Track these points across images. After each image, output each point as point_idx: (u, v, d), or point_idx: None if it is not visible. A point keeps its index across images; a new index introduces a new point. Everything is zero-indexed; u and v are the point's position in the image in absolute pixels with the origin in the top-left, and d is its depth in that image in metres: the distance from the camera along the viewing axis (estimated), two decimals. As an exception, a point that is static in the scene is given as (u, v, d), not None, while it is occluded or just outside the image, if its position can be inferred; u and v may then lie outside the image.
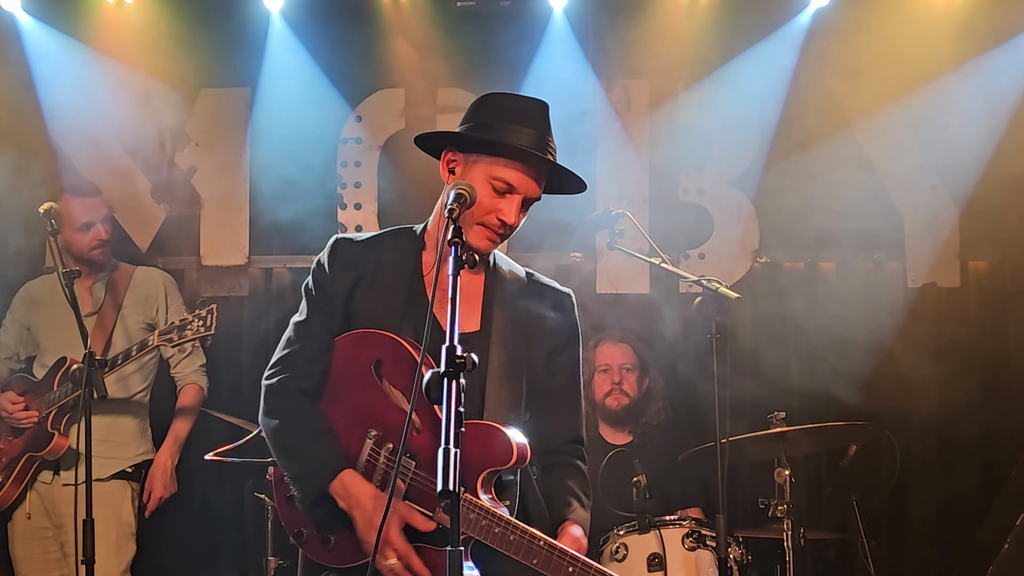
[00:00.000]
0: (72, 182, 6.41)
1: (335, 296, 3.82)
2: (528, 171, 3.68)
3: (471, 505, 3.49)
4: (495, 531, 3.48)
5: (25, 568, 6.33)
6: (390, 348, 3.71)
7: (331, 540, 3.68)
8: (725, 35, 7.25)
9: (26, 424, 6.18)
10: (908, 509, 7.16)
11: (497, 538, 3.48)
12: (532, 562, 3.46)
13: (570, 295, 4.01)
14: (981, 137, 7.13)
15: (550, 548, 3.47)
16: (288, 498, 3.78)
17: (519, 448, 3.56)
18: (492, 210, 3.65)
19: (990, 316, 7.27)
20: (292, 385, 3.77)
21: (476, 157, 3.71)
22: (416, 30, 7.34)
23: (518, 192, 3.67)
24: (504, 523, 3.49)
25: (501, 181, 3.65)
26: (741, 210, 7.38)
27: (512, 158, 3.67)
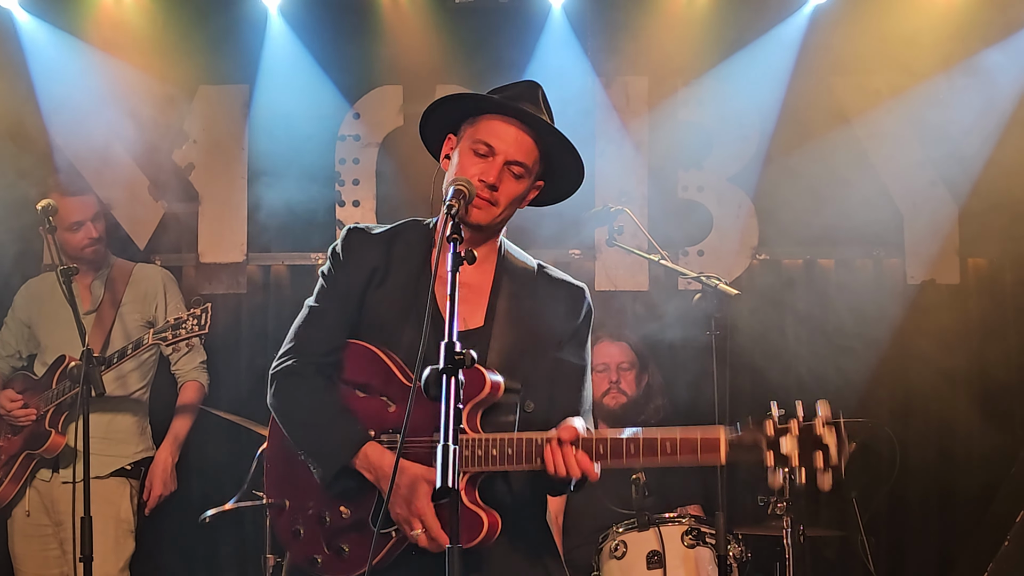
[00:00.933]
0: (61, 180, 6.39)
1: (351, 286, 3.79)
2: (507, 130, 3.67)
3: (466, 442, 3.48)
4: (493, 454, 3.47)
5: (24, 565, 6.34)
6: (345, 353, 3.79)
7: (344, 549, 3.65)
8: (724, 31, 7.24)
9: (24, 422, 6.17)
10: (907, 506, 7.16)
11: (497, 460, 3.47)
12: (537, 462, 3.45)
13: (583, 289, 3.96)
14: (981, 134, 7.12)
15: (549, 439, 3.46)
16: (293, 532, 3.75)
17: (492, 379, 3.54)
18: (475, 175, 3.63)
19: (989, 313, 7.26)
20: (310, 365, 3.76)
21: (463, 132, 3.74)
22: (414, 27, 7.33)
23: (498, 153, 3.64)
24: (500, 442, 3.48)
25: (480, 143, 3.66)
26: (740, 207, 7.37)
27: (489, 112, 3.69)
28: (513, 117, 3.68)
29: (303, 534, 3.74)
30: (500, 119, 3.69)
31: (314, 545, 3.70)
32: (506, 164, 3.66)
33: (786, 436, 3.26)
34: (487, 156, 3.65)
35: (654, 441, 3.38)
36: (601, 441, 3.43)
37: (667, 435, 3.38)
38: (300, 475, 3.76)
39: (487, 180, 3.61)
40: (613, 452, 3.42)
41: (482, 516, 3.48)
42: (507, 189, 3.67)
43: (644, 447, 3.38)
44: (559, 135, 3.73)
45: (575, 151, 3.77)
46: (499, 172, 3.64)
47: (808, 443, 3.24)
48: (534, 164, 3.73)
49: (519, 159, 3.67)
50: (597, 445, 3.43)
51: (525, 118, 3.68)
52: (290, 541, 3.78)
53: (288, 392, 3.76)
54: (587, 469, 3.41)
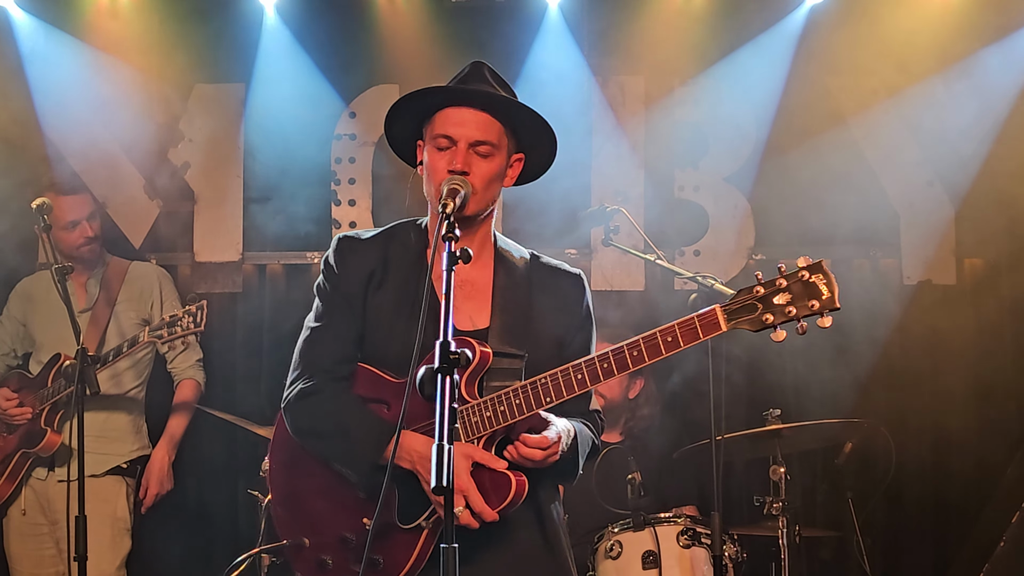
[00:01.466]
0: (56, 179, 6.36)
1: (350, 294, 3.80)
2: (460, 115, 3.68)
3: (471, 409, 3.55)
4: (501, 409, 3.53)
5: (20, 564, 6.33)
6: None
7: (379, 560, 3.64)
8: (721, 31, 7.24)
9: (20, 421, 6.17)
10: (903, 507, 7.16)
11: (507, 414, 3.52)
12: (546, 400, 3.51)
13: (580, 276, 3.99)
14: (978, 134, 7.12)
15: (552, 375, 3.51)
16: (319, 564, 3.75)
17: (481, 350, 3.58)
18: (443, 169, 3.65)
19: (985, 313, 7.25)
20: (323, 380, 3.75)
21: (425, 133, 3.77)
22: (410, 26, 7.32)
23: (458, 139, 3.66)
24: (503, 397, 3.53)
25: (439, 138, 3.68)
26: (736, 207, 7.37)
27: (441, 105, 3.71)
28: (462, 101, 3.69)
29: (331, 564, 3.73)
30: (452, 108, 3.70)
31: (345, 570, 3.70)
32: (470, 147, 3.66)
33: (777, 291, 3.35)
34: (449, 147, 3.67)
35: (653, 337, 3.44)
36: (603, 358, 3.48)
37: (664, 329, 3.44)
38: (310, 507, 3.79)
39: (455, 168, 3.61)
40: (619, 364, 3.47)
41: (509, 476, 3.51)
42: (479, 171, 3.67)
43: (647, 348, 3.44)
44: (514, 103, 3.74)
45: (536, 114, 3.76)
46: (464, 157, 3.64)
47: (799, 291, 3.35)
48: (500, 138, 3.72)
49: (480, 138, 3.67)
50: (601, 363, 3.48)
51: (474, 97, 3.69)
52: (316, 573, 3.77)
53: (308, 411, 3.75)
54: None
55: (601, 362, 3.48)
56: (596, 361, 3.48)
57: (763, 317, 3.35)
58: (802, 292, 3.34)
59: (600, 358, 3.48)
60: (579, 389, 3.50)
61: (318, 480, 3.79)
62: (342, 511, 3.72)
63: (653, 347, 3.43)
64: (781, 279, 3.35)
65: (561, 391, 3.51)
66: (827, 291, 3.32)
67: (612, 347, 3.48)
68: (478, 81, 3.75)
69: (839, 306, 3.32)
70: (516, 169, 3.85)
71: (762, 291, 3.37)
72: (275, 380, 6.73)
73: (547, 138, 3.83)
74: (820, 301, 3.32)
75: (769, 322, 3.35)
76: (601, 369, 3.48)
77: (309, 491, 3.80)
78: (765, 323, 3.35)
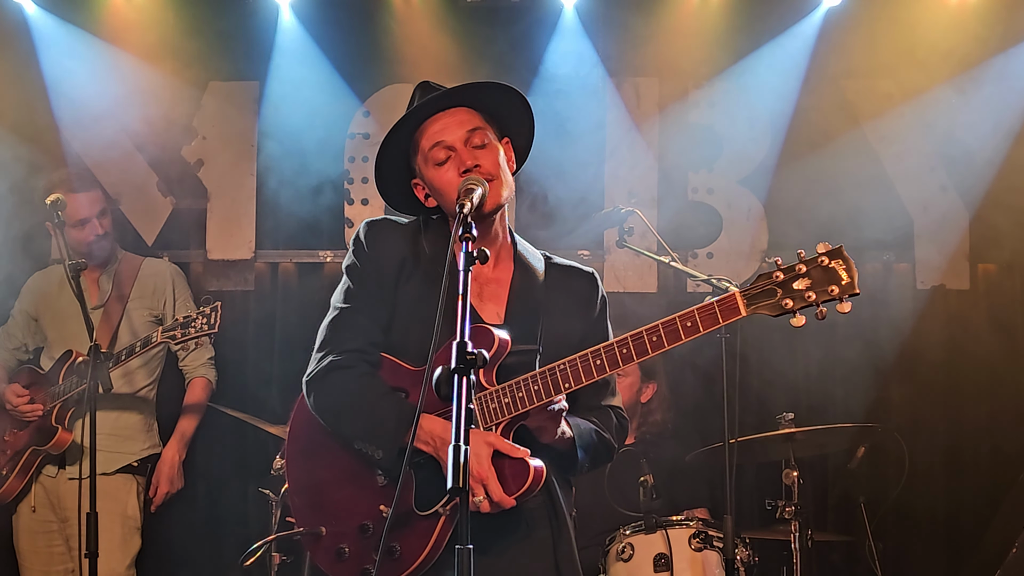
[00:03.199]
0: (68, 176, 6.35)
1: (382, 277, 3.80)
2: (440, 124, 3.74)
3: (490, 396, 3.56)
4: (520, 395, 3.54)
5: (29, 561, 6.33)
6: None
7: (396, 548, 3.62)
8: (736, 33, 7.23)
9: (31, 417, 6.17)
10: (916, 512, 7.12)
11: (525, 400, 3.54)
12: (565, 387, 3.52)
13: (593, 274, 4.02)
14: (993, 139, 7.10)
15: (571, 361, 3.52)
16: (337, 553, 3.72)
17: (500, 336, 3.59)
18: (456, 176, 3.66)
19: (999, 319, 7.24)
20: (351, 356, 3.73)
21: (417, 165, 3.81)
22: (425, 25, 7.32)
23: (454, 143, 3.70)
24: (522, 384, 3.54)
25: (436, 151, 3.72)
26: (750, 210, 7.35)
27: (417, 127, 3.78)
28: (432, 112, 3.75)
29: (348, 551, 3.71)
30: (428, 123, 3.76)
31: (363, 557, 3.68)
32: (466, 144, 3.70)
33: (796, 276, 3.34)
34: (450, 156, 3.70)
35: (672, 323, 3.44)
36: (622, 343, 3.48)
37: (683, 314, 3.44)
38: (328, 496, 3.78)
39: (467, 166, 3.64)
40: (638, 349, 3.47)
41: (527, 463, 3.52)
42: (486, 160, 3.70)
43: (666, 332, 3.44)
44: (471, 85, 3.78)
45: (493, 84, 3.81)
46: (469, 153, 3.68)
47: (819, 275, 3.34)
48: (484, 124, 3.78)
49: (469, 127, 3.73)
50: (620, 348, 3.48)
51: (440, 102, 3.74)
52: (334, 565, 3.75)
53: (335, 385, 3.71)
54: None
55: (620, 347, 3.48)
56: (615, 346, 3.48)
57: (783, 302, 3.36)
58: (822, 277, 3.33)
59: (619, 343, 3.48)
60: (597, 375, 3.50)
61: (336, 469, 3.78)
62: (360, 499, 3.71)
63: (672, 332, 3.44)
64: (800, 264, 3.35)
65: (580, 376, 3.51)
66: (846, 276, 3.32)
67: (630, 334, 3.48)
68: (432, 90, 3.80)
69: (859, 291, 3.32)
70: (510, 152, 3.87)
71: (781, 276, 3.36)
72: (287, 378, 6.76)
73: (518, 105, 3.87)
74: (840, 286, 3.31)
75: (789, 307, 3.35)
76: (620, 354, 3.48)
77: (327, 480, 3.79)
78: (784, 308, 3.36)
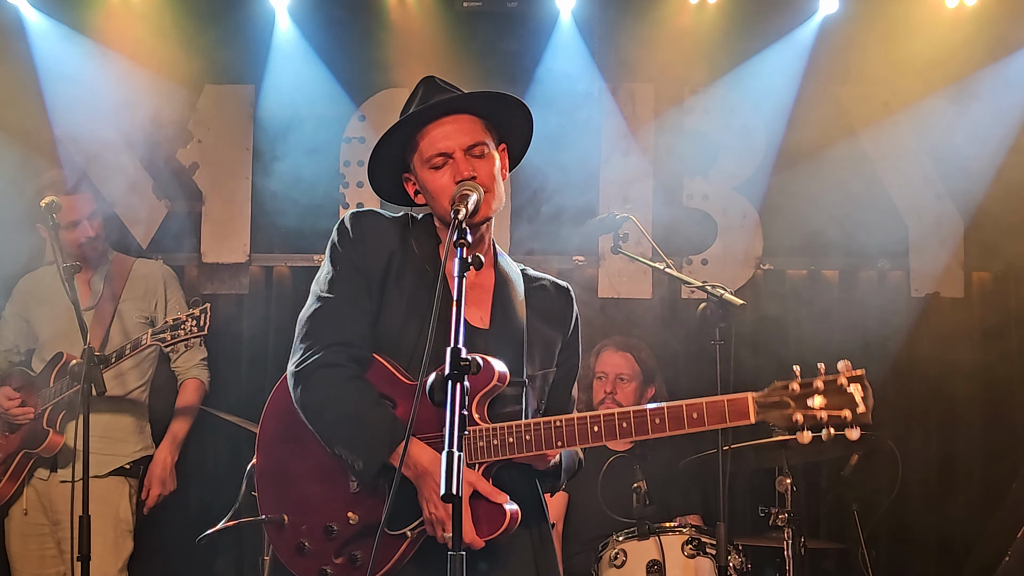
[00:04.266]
0: (57, 179, 6.31)
1: (369, 269, 3.74)
2: (440, 129, 3.71)
3: (479, 433, 3.51)
4: (510, 442, 3.50)
5: (21, 565, 6.31)
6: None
7: (357, 557, 3.60)
8: (732, 40, 7.24)
9: (22, 420, 6.15)
10: (909, 520, 7.14)
11: (515, 447, 3.49)
12: (557, 444, 3.48)
13: (568, 289, 4.01)
14: (988, 147, 7.11)
15: (568, 421, 3.48)
16: (297, 547, 3.69)
17: (499, 370, 3.53)
18: (450, 184, 3.64)
19: (993, 327, 7.25)
20: (341, 354, 3.64)
21: (413, 164, 3.78)
22: (422, 29, 7.32)
23: (452, 151, 3.67)
24: (514, 430, 3.50)
25: (434, 157, 3.69)
26: (745, 216, 7.36)
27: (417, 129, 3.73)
28: (436, 117, 3.72)
29: (308, 547, 3.68)
30: (431, 126, 3.72)
31: (323, 557, 3.65)
32: (465, 153, 3.67)
33: (812, 392, 3.28)
34: (446, 163, 3.67)
35: (679, 410, 3.38)
36: (623, 417, 3.44)
37: (692, 404, 3.38)
38: (298, 488, 3.73)
39: (463, 176, 3.61)
40: (638, 427, 3.43)
41: (503, 508, 3.50)
42: (483, 171, 3.68)
43: (670, 418, 3.39)
44: (480, 95, 3.75)
45: (500, 95, 3.78)
46: (467, 164, 3.65)
47: (834, 397, 3.26)
48: (485, 135, 3.75)
49: (471, 142, 3.69)
50: (620, 421, 3.44)
51: (443, 107, 3.71)
52: (294, 557, 3.71)
53: (323, 383, 3.62)
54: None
55: (620, 420, 3.43)
56: (616, 418, 3.44)
57: (793, 416, 3.29)
58: (837, 399, 3.26)
59: (620, 416, 3.44)
60: (593, 441, 3.46)
61: (310, 463, 3.71)
62: (329, 500, 3.66)
63: (676, 419, 3.39)
64: (818, 381, 3.29)
65: (575, 439, 3.47)
66: (862, 404, 3.23)
67: (634, 408, 3.45)
68: (437, 93, 3.78)
69: (871, 421, 3.23)
70: (504, 159, 3.86)
71: (798, 390, 3.31)
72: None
73: (521, 115, 3.85)
74: (853, 413, 3.23)
75: (798, 423, 3.29)
76: (619, 428, 3.44)
77: (299, 472, 3.73)
78: (794, 423, 3.29)
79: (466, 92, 3.74)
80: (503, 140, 3.87)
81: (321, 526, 3.67)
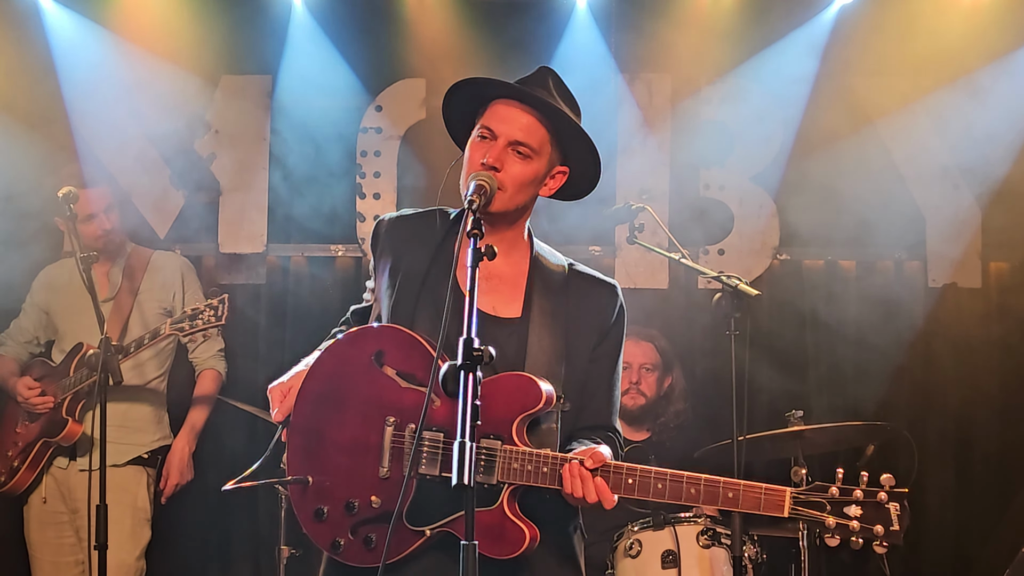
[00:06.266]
0: (74, 173, 6.31)
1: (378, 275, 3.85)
2: (509, 111, 3.67)
3: (515, 454, 3.47)
4: (544, 471, 3.45)
5: (40, 552, 6.35)
6: (389, 336, 3.69)
7: (372, 539, 3.59)
8: (749, 30, 7.22)
9: (42, 410, 6.19)
10: (925, 510, 7.12)
11: (547, 477, 3.45)
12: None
13: (615, 286, 3.92)
14: (1006, 137, 7.07)
15: (605, 467, 3.42)
16: (316, 512, 3.67)
17: (547, 391, 3.51)
18: (478, 160, 3.63)
19: (1011, 317, 7.22)
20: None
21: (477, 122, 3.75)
22: (438, 20, 7.32)
23: (499, 135, 3.63)
24: (549, 461, 3.46)
25: (484, 128, 3.66)
26: (762, 207, 7.34)
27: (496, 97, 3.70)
28: (513, 98, 3.68)
29: (327, 515, 3.65)
30: (504, 103, 3.68)
31: (339, 529, 3.63)
32: (509, 145, 3.63)
33: (851, 502, 3.27)
34: (489, 139, 3.65)
35: (716, 486, 3.37)
36: (660, 477, 3.41)
37: (728, 484, 3.37)
38: (328, 454, 3.69)
39: (488, 161, 3.59)
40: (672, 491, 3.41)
41: (524, 530, 3.47)
42: (512, 171, 3.63)
43: (705, 491, 3.39)
44: (564, 116, 3.69)
45: (581, 131, 3.72)
46: (500, 153, 3.61)
47: (871, 511, 3.25)
48: (542, 145, 3.68)
49: (521, 139, 3.64)
50: (656, 481, 3.42)
51: (525, 98, 3.66)
52: (310, 521, 3.68)
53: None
54: (604, 497, 3.39)
55: (656, 481, 3.40)
56: (652, 477, 3.41)
57: (826, 520, 3.28)
58: (874, 513, 3.25)
59: (657, 476, 3.41)
60: (625, 493, 3.43)
61: (346, 433, 3.69)
62: (356, 476, 3.64)
63: (711, 494, 3.38)
64: (858, 491, 3.28)
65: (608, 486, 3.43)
66: (897, 524, 3.24)
67: (671, 472, 3.42)
68: (539, 85, 3.73)
69: (901, 543, 3.25)
70: (558, 181, 3.80)
71: (837, 495, 3.29)
72: (297, 373, 6.75)
73: (591, 159, 3.79)
74: (887, 531, 3.24)
75: (830, 527, 3.28)
76: (654, 489, 3.40)
77: (332, 438, 3.70)
78: (826, 526, 3.29)
79: (548, 100, 3.67)
80: (567, 163, 3.80)
81: (344, 499, 3.63)
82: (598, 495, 3.38)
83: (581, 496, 3.38)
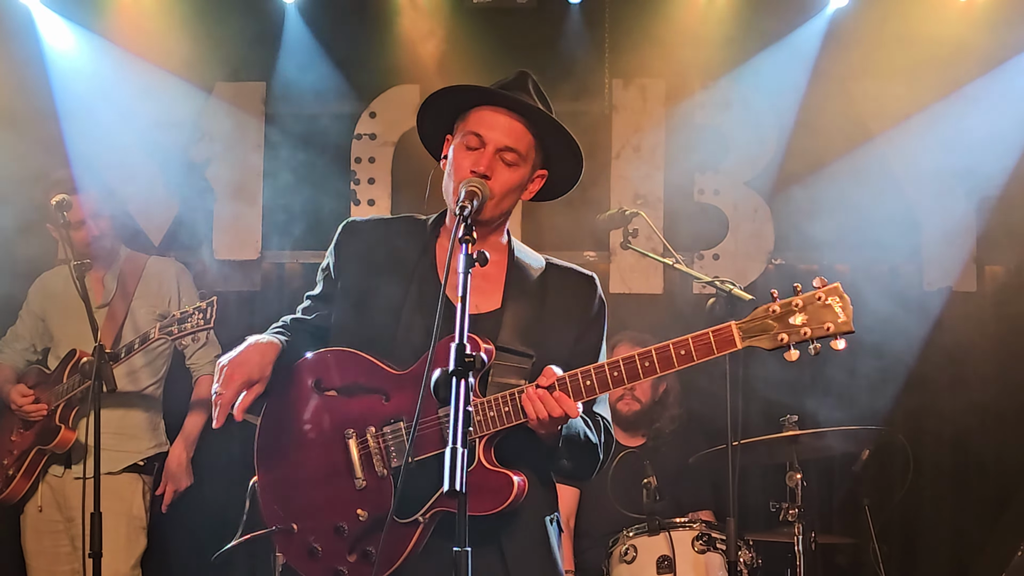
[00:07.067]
0: (62, 179, 6.31)
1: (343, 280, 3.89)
2: (494, 118, 3.69)
3: (477, 407, 3.50)
4: (506, 411, 3.49)
5: (36, 561, 6.34)
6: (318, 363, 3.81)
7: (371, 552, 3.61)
8: (743, 34, 7.22)
9: (36, 417, 6.18)
10: (920, 514, 7.13)
11: (511, 415, 3.49)
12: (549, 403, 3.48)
13: (593, 278, 3.95)
14: (1002, 141, 7.06)
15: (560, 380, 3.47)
16: (309, 552, 3.70)
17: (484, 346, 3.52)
18: (467, 168, 3.64)
19: (1006, 321, 7.22)
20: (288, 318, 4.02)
21: (456, 128, 3.77)
22: (431, 26, 7.34)
23: (488, 142, 3.65)
24: (509, 398, 3.50)
25: (470, 135, 3.68)
26: (756, 211, 7.34)
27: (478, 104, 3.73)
28: (499, 105, 3.70)
29: (321, 551, 3.70)
30: (488, 109, 3.71)
31: (336, 558, 3.67)
32: (497, 152, 3.66)
33: (792, 311, 3.36)
34: (477, 148, 3.66)
35: (666, 350, 3.44)
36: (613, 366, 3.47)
37: (678, 343, 3.44)
38: (302, 495, 3.75)
39: (478, 170, 3.61)
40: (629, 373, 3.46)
41: (508, 475, 3.51)
42: (501, 178, 3.66)
43: (659, 359, 3.44)
44: (550, 120, 3.72)
45: (569, 135, 3.75)
46: (490, 161, 3.64)
47: (815, 312, 3.36)
48: (528, 150, 3.72)
49: (509, 145, 3.67)
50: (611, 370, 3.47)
51: (511, 104, 3.69)
52: (307, 562, 3.73)
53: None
54: (567, 406, 3.42)
55: (611, 370, 3.46)
56: (606, 368, 3.46)
57: (778, 336, 3.37)
58: (818, 313, 3.36)
59: (611, 366, 3.46)
60: (587, 395, 3.47)
61: (310, 468, 3.75)
62: (336, 501, 3.68)
63: (665, 359, 3.44)
64: (797, 299, 3.37)
65: (568, 395, 3.47)
66: (843, 314, 3.35)
67: (623, 356, 3.46)
68: (520, 90, 3.76)
69: (853, 330, 3.34)
70: (537, 184, 3.84)
71: (778, 310, 3.38)
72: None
73: (574, 161, 3.83)
74: (835, 324, 3.35)
75: (784, 342, 3.37)
76: (611, 377, 3.46)
77: (301, 479, 3.76)
78: (780, 343, 3.37)
79: (533, 105, 3.71)
80: (547, 167, 3.84)
81: (331, 527, 3.68)
82: (562, 408, 3.42)
83: (547, 416, 3.42)
